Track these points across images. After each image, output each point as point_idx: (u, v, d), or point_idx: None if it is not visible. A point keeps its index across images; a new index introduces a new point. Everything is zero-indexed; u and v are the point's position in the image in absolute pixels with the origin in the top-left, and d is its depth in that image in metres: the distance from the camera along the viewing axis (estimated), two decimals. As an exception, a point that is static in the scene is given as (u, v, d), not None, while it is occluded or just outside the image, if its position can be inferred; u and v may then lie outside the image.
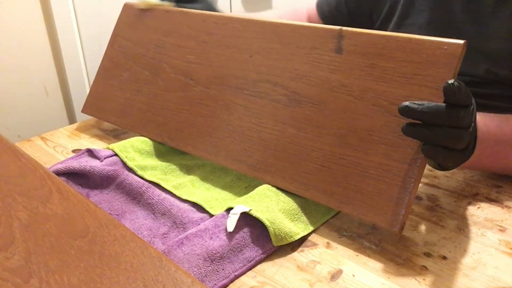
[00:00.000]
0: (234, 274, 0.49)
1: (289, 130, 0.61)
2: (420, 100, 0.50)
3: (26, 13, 1.00)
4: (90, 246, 0.45)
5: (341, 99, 0.57)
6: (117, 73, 0.85)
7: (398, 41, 0.55)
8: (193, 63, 0.74)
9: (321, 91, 0.59)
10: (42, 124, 1.08)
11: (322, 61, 0.60)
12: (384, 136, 0.53)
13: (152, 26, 0.83)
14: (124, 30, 0.87)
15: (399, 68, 0.54)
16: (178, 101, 0.74)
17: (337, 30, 0.60)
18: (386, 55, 0.55)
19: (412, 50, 0.53)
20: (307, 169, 0.58)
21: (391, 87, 0.54)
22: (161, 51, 0.79)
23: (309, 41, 0.62)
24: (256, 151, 0.63)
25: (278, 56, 0.64)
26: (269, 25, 0.67)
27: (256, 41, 0.68)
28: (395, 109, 0.51)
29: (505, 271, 0.49)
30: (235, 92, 0.67)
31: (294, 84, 0.62)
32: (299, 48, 0.63)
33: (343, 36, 0.59)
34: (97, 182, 0.65)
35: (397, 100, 0.53)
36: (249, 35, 0.69)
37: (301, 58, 0.62)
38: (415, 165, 0.51)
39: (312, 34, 0.62)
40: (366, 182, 0.53)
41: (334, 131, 0.57)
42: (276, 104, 0.63)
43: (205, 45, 0.73)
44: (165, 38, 0.80)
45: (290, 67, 0.63)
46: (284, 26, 0.65)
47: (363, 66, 0.57)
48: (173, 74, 0.76)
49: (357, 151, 0.55)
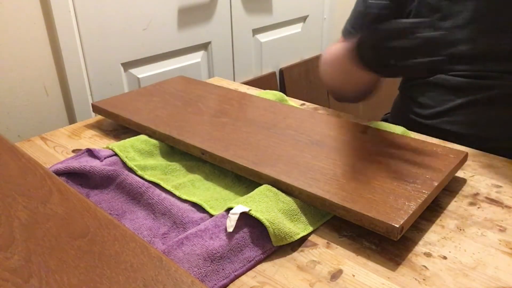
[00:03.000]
0: (234, 274, 0.49)
1: (304, 155, 0.65)
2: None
3: (26, 13, 1.00)
4: (90, 246, 0.45)
5: (359, 152, 0.65)
6: (148, 98, 0.88)
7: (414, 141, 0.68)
8: (229, 110, 0.81)
9: (342, 146, 0.67)
10: (42, 124, 1.09)
11: (348, 134, 0.71)
12: (396, 175, 0.59)
13: (200, 88, 0.93)
14: (171, 85, 0.95)
15: (414, 149, 0.65)
16: (200, 120, 0.77)
17: (364, 125, 0.74)
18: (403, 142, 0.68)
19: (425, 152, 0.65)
20: (315, 176, 0.59)
21: (406, 155, 0.64)
22: (201, 100, 0.86)
23: (339, 123, 0.75)
24: (265, 158, 0.64)
25: (309, 123, 0.75)
26: (311, 113, 0.80)
27: (293, 113, 0.80)
28: (409, 167, 0.60)
29: (505, 271, 0.49)
30: (260, 129, 0.74)
31: (318, 137, 0.70)
32: (330, 125, 0.75)
33: (369, 127, 0.72)
34: (97, 182, 0.65)
35: (410, 163, 0.62)
36: (286, 109, 0.82)
37: (329, 127, 0.74)
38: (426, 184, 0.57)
39: (343, 122, 0.76)
40: (373, 194, 0.55)
41: (348, 164, 0.62)
42: (297, 141, 0.69)
43: (247, 107, 0.83)
44: (210, 95, 0.88)
45: (317, 129, 0.73)
46: (322, 116, 0.78)
47: (383, 143, 0.68)
48: (205, 109, 0.82)
49: (368, 177, 0.59)
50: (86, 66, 1.14)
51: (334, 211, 0.55)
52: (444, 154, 0.64)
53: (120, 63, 1.21)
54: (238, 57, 1.53)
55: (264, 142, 0.69)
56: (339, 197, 0.54)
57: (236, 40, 1.50)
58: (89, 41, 1.12)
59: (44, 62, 1.06)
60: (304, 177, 0.59)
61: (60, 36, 1.05)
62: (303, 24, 1.74)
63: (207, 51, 1.43)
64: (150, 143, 0.73)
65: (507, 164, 0.69)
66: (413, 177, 0.58)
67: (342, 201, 0.54)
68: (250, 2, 1.50)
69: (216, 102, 0.85)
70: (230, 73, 1.53)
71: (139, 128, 0.78)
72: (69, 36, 1.07)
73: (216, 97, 0.88)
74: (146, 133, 0.76)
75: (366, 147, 0.66)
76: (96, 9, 1.11)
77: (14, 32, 0.99)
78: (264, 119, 0.77)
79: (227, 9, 1.43)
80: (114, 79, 1.21)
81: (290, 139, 0.70)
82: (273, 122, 0.76)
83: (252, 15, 1.53)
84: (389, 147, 0.66)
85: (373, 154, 0.64)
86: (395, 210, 0.52)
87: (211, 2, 1.37)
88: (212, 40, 1.42)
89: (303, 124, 0.75)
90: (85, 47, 1.12)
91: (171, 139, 0.72)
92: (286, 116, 0.78)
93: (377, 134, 0.70)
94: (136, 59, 1.24)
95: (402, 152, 0.65)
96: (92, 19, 1.11)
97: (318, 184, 0.57)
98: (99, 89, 1.18)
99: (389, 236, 0.50)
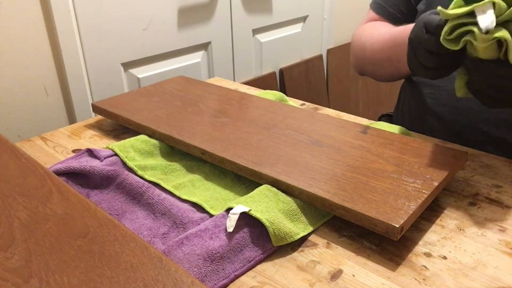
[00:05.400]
0: (234, 274, 0.49)
1: (304, 155, 0.65)
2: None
3: (26, 13, 1.00)
4: (90, 246, 0.45)
5: (359, 152, 0.65)
6: (148, 98, 0.88)
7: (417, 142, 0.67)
8: (229, 110, 0.81)
9: (342, 145, 0.67)
10: (42, 124, 1.09)
11: (348, 134, 0.71)
12: (396, 176, 0.59)
13: (200, 88, 0.92)
14: (171, 85, 0.95)
15: (414, 149, 0.65)
16: (200, 120, 0.77)
17: (364, 126, 0.74)
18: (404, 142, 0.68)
19: (426, 152, 0.65)
20: (315, 176, 0.59)
21: (406, 155, 0.64)
22: (201, 100, 0.86)
23: (339, 123, 0.75)
24: (265, 158, 0.64)
25: (309, 123, 0.75)
26: (311, 113, 0.80)
27: (293, 113, 0.79)
28: (409, 167, 0.60)
29: (505, 271, 0.49)
30: (260, 129, 0.73)
31: (318, 137, 0.70)
32: (330, 125, 0.74)
33: (369, 127, 0.72)
34: (97, 182, 0.65)
35: (410, 163, 0.62)
36: (286, 109, 0.82)
37: (329, 127, 0.73)
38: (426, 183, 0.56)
39: (343, 122, 0.75)
40: (373, 194, 0.55)
41: (348, 164, 0.62)
42: (297, 141, 0.69)
43: (247, 107, 0.82)
44: (210, 95, 0.88)
45: (317, 129, 0.73)
46: (322, 116, 0.78)
47: (383, 143, 0.67)
48: (205, 109, 0.82)
49: (368, 177, 0.59)
50: (86, 66, 1.14)
51: (334, 211, 0.55)
52: (444, 154, 0.64)
53: (120, 63, 1.21)
54: (238, 57, 1.53)
55: (264, 142, 0.69)
56: (339, 197, 0.54)
57: (236, 40, 1.50)
58: (89, 41, 1.12)
59: (44, 62, 1.06)
60: (304, 177, 0.59)
61: (60, 36, 1.05)
62: (303, 24, 1.74)
63: (207, 51, 1.43)
64: (150, 143, 0.73)
65: (507, 164, 0.69)
66: (413, 177, 0.58)
67: (342, 201, 0.54)
68: (250, 2, 1.50)
69: (216, 102, 0.85)
70: (230, 73, 1.53)
71: (139, 128, 0.78)
72: (69, 36, 1.07)
73: (216, 97, 0.87)
74: (146, 133, 0.76)
75: (366, 147, 0.66)
76: (96, 9, 1.11)
77: (14, 32, 0.99)
78: (264, 119, 0.77)
79: (227, 9, 1.43)
80: (114, 79, 1.21)
81: (290, 139, 0.70)
82: (273, 122, 0.76)
83: (252, 15, 1.53)
84: (389, 147, 0.66)
85: (373, 154, 0.64)
86: (395, 210, 0.52)
87: (211, 2, 1.37)
88: (212, 40, 1.42)
89: (303, 124, 0.75)
90: (85, 47, 1.12)
91: (171, 139, 0.72)
92: (286, 116, 0.78)
93: (377, 134, 0.70)
94: (136, 59, 1.24)
95: (402, 152, 0.65)
96: (92, 19, 1.11)
97: (318, 184, 0.57)
98: (99, 89, 1.18)
99: (389, 236, 0.50)
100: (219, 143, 0.69)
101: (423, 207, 0.55)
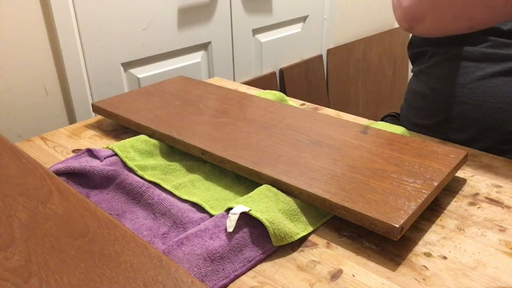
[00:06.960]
0: (234, 274, 0.49)
1: (304, 155, 0.65)
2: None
3: (26, 13, 1.00)
4: (90, 246, 0.45)
5: (359, 152, 0.65)
6: (148, 98, 0.88)
7: (416, 142, 0.67)
8: (229, 110, 0.81)
9: (342, 145, 0.67)
10: (42, 124, 1.09)
11: (348, 134, 0.71)
12: (396, 176, 0.59)
13: (200, 88, 0.93)
14: (171, 85, 0.95)
15: (414, 149, 0.65)
16: (200, 120, 0.77)
17: (364, 126, 0.73)
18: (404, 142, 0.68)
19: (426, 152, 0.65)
20: (315, 176, 0.59)
21: (406, 155, 0.64)
22: (201, 100, 0.86)
23: (339, 123, 0.75)
24: (265, 158, 0.64)
25: (309, 123, 0.75)
26: (311, 113, 0.80)
27: (293, 113, 0.80)
28: (409, 167, 0.61)
29: (505, 271, 0.49)
30: (260, 129, 0.73)
31: (318, 137, 0.70)
32: (330, 125, 0.74)
33: (369, 127, 0.72)
34: (97, 182, 0.65)
35: (410, 163, 0.62)
36: (286, 109, 0.82)
37: (329, 127, 0.73)
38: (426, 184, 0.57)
39: (343, 122, 0.75)
40: (373, 194, 0.55)
41: (348, 164, 0.62)
42: (297, 141, 0.69)
43: (247, 107, 0.82)
44: (210, 95, 0.88)
45: (317, 129, 0.73)
46: (322, 116, 0.78)
47: (383, 143, 0.68)
48: (205, 109, 0.82)
49: (368, 177, 0.58)
50: (86, 66, 1.14)
51: (334, 211, 0.55)
52: (444, 154, 0.64)
53: (120, 63, 1.21)
54: (238, 57, 1.53)
55: (264, 142, 0.69)
56: (339, 197, 0.54)
57: (236, 40, 1.50)
58: (89, 41, 1.12)
59: (44, 62, 1.06)
60: (304, 177, 0.59)
61: (60, 36, 1.05)
62: (303, 24, 1.74)
63: (207, 51, 1.43)
64: (150, 143, 0.73)
65: (507, 164, 0.69)
66: (413, 177, 0.58)
67: (342, 201, 0.54)
68: (250, 2, 1.50)
69: (216, 102, 0.85)
70: (230, 73, 1.53)
71: (139, 128, 0.78)
72: (69, 36, 1.07)
73: (216, 97, 0.88)
74: (146, 133, 0.76)
75: (366, 147, 0.66)
76: (96, 9, 1.11)
77: (14, 32, 0.99)
78: (264, 119, 0.77)
79: (227, 9, 1.43)
80: (114, 79, 1.21)
81: (290, 139, 0.70)
82: (273, 122, 0.76)
83: (252, 15, 1.53)
84: (389, 147, 0.66)
85: (373, 154, 0.64)
86: (395, 210, 0.52)
87: (211, 2, 1.37)
88: (212, 40, 1.42)
89: (303, 124, 0.75)
90: (85, 47, 1.12)
91: (171, 139, 0.72)
92: (286, 116, 0.78)
93: (377, 134, 0.70)
94: (136, 59, 1.24)
95: (402, 152, 0.65)
96: (92, 19, 1.11)
97: (318, 184, 0.57)
98: (99, 89, 1.18)
99: (389, 236, 0.50)
100: (219, 143, 0.69)
101: (423, 207, 0.55)
